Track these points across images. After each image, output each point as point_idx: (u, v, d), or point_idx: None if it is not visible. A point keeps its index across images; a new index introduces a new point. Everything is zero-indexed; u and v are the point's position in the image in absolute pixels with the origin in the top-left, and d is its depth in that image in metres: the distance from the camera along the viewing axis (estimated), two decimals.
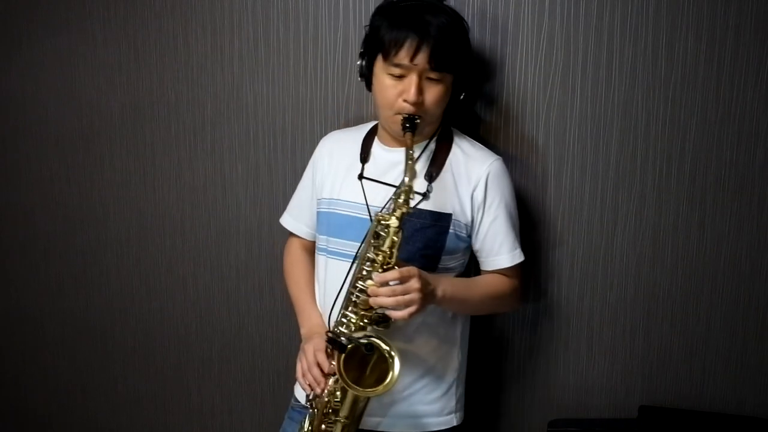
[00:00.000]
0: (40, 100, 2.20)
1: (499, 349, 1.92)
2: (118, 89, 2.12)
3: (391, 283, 1.40)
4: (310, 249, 1.76)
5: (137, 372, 2.28)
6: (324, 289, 1.65)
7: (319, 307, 1.68)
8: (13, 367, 2.44)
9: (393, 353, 1.42)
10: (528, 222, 1.83)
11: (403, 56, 1.47)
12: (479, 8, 1.76)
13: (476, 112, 1.81)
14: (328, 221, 1.63)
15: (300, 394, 1.69)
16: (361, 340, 1.42)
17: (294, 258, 1.80)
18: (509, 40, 1.76)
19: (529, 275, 1.85)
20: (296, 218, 1.78)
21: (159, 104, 2.08)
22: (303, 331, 1.68)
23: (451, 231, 1.57)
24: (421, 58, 1.46)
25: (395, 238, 1.43)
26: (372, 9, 1.81)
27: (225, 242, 2.10)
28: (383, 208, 1.55)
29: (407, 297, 1.38)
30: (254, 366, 2.15)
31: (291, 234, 1.81)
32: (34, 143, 2.24)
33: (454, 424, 1.68)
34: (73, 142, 2.20)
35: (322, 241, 1.66)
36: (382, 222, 1.44)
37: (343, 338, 1.42)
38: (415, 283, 1.39)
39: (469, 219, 1.59)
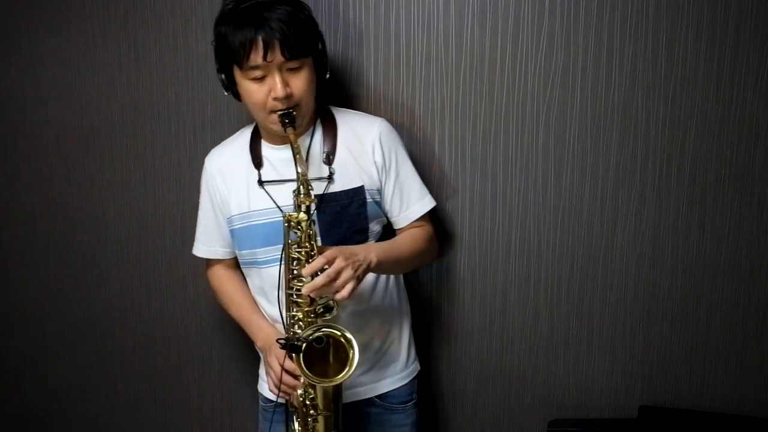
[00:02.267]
0: (40, 100, 2.20)
1: (499, 348, 1.92)
2: (118, 89, 2.12)
3: (319, 271, 1.44)
4: (233, 265, 1.78)
5: (137, 372, 2.28)
6: (267, 297, 1.67)
7: (268, 316, 1.70)
8: (13, 367, 2.44)
9: (347, 335, 1.47)
10: (528, 221, 1.83)
11: (255, 58, 1.48)
12: (479, 8, 1.76)
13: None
14: (247, 235, 1.64)
15: (269, 394, 1.71)
16: (312, 336, 1.46)
17: (220, 280, 1.81)
18: (509, 40, 1.76)
19: (529, 275, 1.86)
20: (208, 244, 1.78)
21: (159, 104, 2.08)
22: (259, 344, 1.71)
23: (369, 200, 1.62)
24: (273, 54, 1.48)
25: (310, 232, 1.47)
26: (372, 9, 1.82)
27: None
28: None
29: (342, 277, 1.42)
30: (254, 366, 2.15)
31: (208, 262, 1.82)
32: (34, 143, 2.24)
33: (419, 369, 1.80)
34: (73, 142, 2.20)
35: (247, 256, 1.67)
36: (293, 221, 1.48)
37: (294, 341, 1.45)
38: (341, 261, 1.42)
39: (378, 182, 1.63)
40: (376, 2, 1.82)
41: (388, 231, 1.72)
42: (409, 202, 1.67)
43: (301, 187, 1.46)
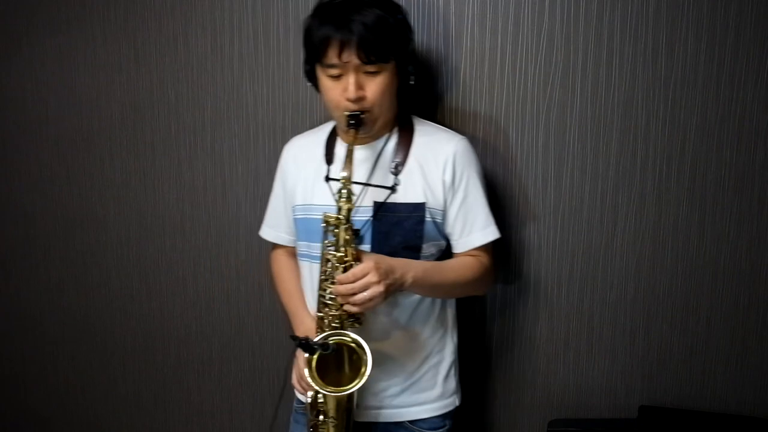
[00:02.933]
0: (40, 99, 2.21)
1: (499, 348, 1.92)
2: (118, 89, 2.12)
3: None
4: (294, 254, 1.77)
5: (137, 372, 2.28)
6: (313, 293, 1.66)
7: (311, 311, 1.69)
8: (13, 367, 2.44)
9: (362, 345, 1.45)
10: (528, 222, 1.83)
11: (331, 56, 1.46)
12: (479, 8, 1.76)
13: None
14: (306, 227, 1.64)
15: (301, 396, 1.71)
16: (320, 342, 1.45)
17: (280, 266, 1.81)
18: (509, 40, 1.76)
19: (529, 275, 1.86)
20: (274, 228, 1.79)
21: (159, 104, 2.08)
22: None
23: (428, 219, 1.57)
24: (349, 55, 1.45)
25: (346, 236, 1.45)
26: None
27: (225, 242, 2.10)
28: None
29: (367, 293, 1.40)
30: (254, 366, 2.15)
31: (273, 245, 1.83)
32: (34, 143, 2.24)
33: (457, 404, 1.71)
34: (73, 142, 2.20)
35: (303, 247, 1.66)
36: (330, 222, 1.46)
37: (309, 342, 1.44)
38: (372, 278, 1.40)
39: (442, 202, 1.59)
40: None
41: (448, 255, 1.67)
42: (471, 229, 1.61)
43: (343, 190, 1.44)
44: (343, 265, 1.46)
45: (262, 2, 1.92)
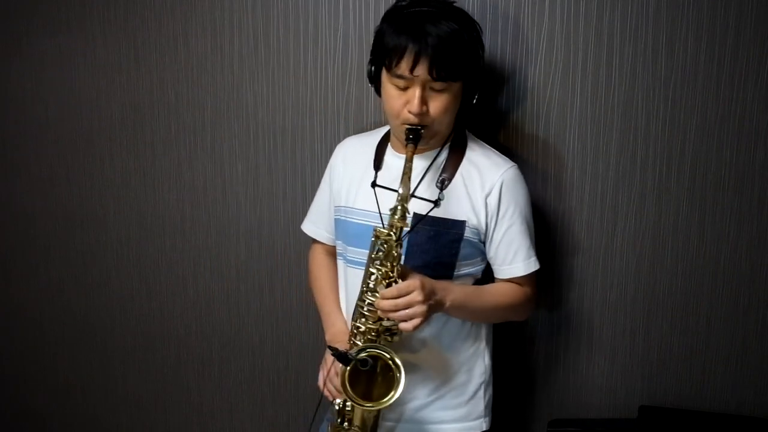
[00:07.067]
0: (41, 99, 2.21)
1: (499, 348, 1.91)
2: (118, 89, 2.12)
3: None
4: (333, 253, 1.75)
5: (137, 372, 2.28)
6: (346, 295, 1.65)
7: (344, 312, 1.68)
8: (13, 367, 2.44)
9: (397, 362, 1.42)
10: None
11: (403, 68, 1.43)
12: (479, 8, 1.76)
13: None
14: (344, 230, 1.63)
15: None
16: (360, 355, 1.42)
17: (318, 264, 1.80)
18: (509, 40, 1.76)
19: None
20: (316, 224, 1.78)
21: (159, 104, 2.08)
22: (327, 337, 1.68)
23: (465, 238, 1.55)
24: (421, 70, 1.42)
25: (395, 253, 1.43)
26: (372, 9, 1.82)
27: (225, 242, 2.10)
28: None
29: (410, 311, 1.37)
30: (254, 366, 2.15)
31: (313, 240, 1.82)
32: (34, 143, 2.24)
33: (484, 428, 1.66)
34: (73, 142, 2.20)
35: (340, 248, 1.66)
36: (381, 237, 1.44)
37: (346, 353, 1.42)
38: (417, 296, 1.37)
39: (483, 226, 1.56)
40: (377, 3, 1.82)
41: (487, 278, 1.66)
42: (514, 259, 1.58)
43: (399, 208, 1.41)
44: (386, 281, 1.43)
45: (262, 2, 1.92)
